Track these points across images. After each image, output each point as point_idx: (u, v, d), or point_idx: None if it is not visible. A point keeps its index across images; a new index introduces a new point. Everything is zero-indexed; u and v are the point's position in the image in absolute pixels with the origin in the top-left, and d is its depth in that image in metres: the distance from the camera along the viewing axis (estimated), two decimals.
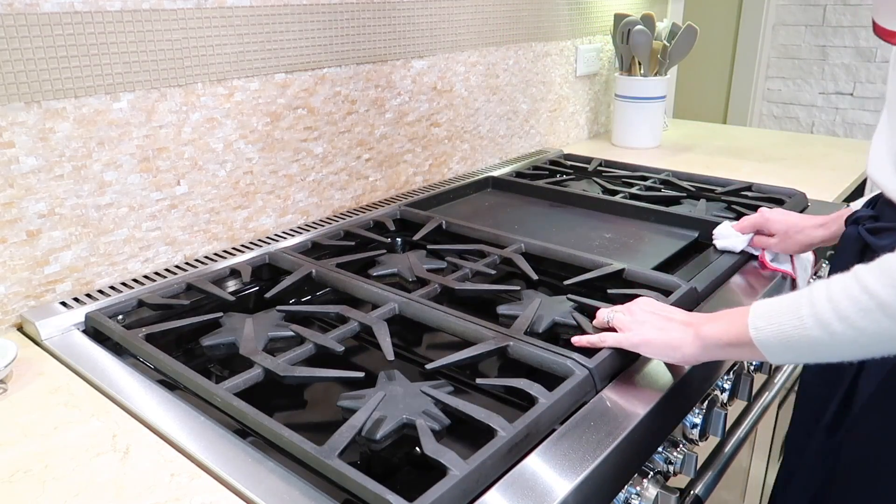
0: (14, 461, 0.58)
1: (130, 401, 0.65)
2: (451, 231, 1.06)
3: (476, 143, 1.43)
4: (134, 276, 0.91)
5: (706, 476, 0.80)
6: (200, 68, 0.92)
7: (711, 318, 0.65)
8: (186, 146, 0.93)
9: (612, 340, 0.69)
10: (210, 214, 0.98)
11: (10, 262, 0.79)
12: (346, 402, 0.62)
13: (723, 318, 0.63)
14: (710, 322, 0.64)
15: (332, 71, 1.10)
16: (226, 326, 0.77)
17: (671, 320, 0.68)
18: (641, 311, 0.70)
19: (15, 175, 0.78)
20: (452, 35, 1.30)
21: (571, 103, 1.72)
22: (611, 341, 0.69)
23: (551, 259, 0.94)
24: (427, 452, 0.53)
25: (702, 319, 0.66)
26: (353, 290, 0.84)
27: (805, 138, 1.75)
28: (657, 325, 0.68)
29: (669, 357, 0.67)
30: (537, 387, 0.62)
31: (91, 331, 0.78)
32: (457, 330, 0.74)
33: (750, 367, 0.87)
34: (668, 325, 0.67)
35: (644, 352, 0.68)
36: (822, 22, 2.71)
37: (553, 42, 1.58)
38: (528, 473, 0.54)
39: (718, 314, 0.64)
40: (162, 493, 0.53)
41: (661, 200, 1.23)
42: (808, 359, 0.58)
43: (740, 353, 0.62)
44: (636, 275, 0.87)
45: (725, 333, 0.62)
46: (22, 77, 0.76)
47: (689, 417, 0.74)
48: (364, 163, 1.20)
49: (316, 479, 0.53)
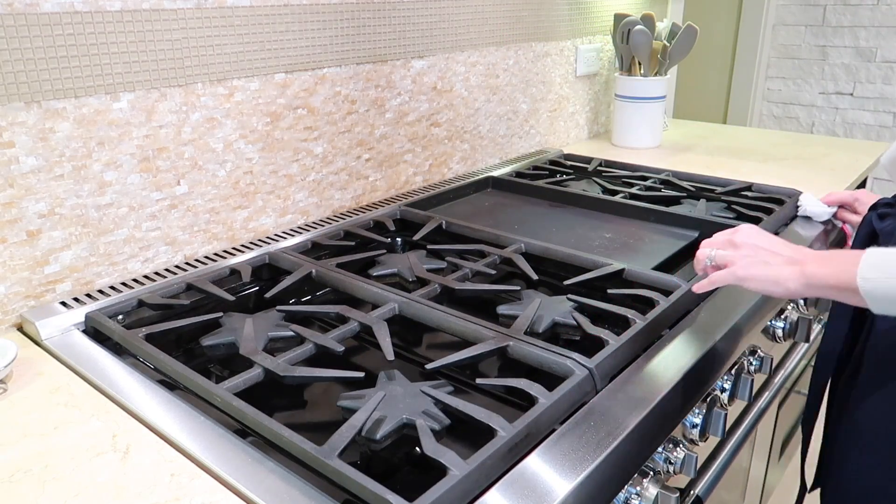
0: (14, 461, 0.58)
1: (130, 401, 0.65)
2: (451, 231, 1.06)
3: (476, 143, 1.43)
4: (134, 276, 0.91)
5: (706, 476, 0.80)
6: (200, 68, 0.92)
7: (819, 257, 0.66)
8: (186, 146, 0.93)
9: (719, 279, 0.72)
10: (210, 214, 0.98)
11: (10, 262, 0.79)
12: (346, 402, 0.62)
13: (831, 260, 0.65)
14: (818, 262, 0.66)
15: (332, 71, 1.10)
16: (226, 326, 0.77)
17: (776, 255, 0.70)
18: (746, 245, 0.72)
19: (15, 175, 0.78)
20: (452, 35, 1.30)
21: (571, 103, 1.72)
22: (719, 280, 0.72)
23: (551, 259, 0.94)
24: (427, 452, 0.53)
25: (808, 257, 0.67)
26: (353, 290, 0.84)
27: (805, 138, 1.75)
28: (762, 258, 0.70)
29: (772, 291, 0.69)
30: (537, 387, 0.62)
31: (91, 331, 0.78)
32: (457, 330, 0.74)
33: (750, 368, 0.87)
34: (774, 260, 0.69)
35: (749, 286, 0.70)
36: (822, 22, 2.71)
37: (553, 42, 1.58)
38: (528, 473, 0.54)
39: (827, 254, 0.66)
40: (162, 493, 0.54)
41: (661, 200, 1.23)
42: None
43: (842, 297, 0.64)
44: (636, 275, 0.87)
45: (832, 277, 0.64)
46: (22, 77, 0.76)
47: (689, 417, 0.74)
48: (364, 163, 1.20)
49: (316, 479, 0.53)
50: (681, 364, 0.70)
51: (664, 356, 0.71)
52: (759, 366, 0.87)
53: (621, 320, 0.76)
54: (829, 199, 1.05)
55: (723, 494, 1.02)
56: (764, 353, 0.88)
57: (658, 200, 1.22)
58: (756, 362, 0.87)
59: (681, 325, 0.78)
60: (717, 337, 0.76)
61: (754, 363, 0.87)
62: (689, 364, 0.70)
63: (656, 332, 0.75)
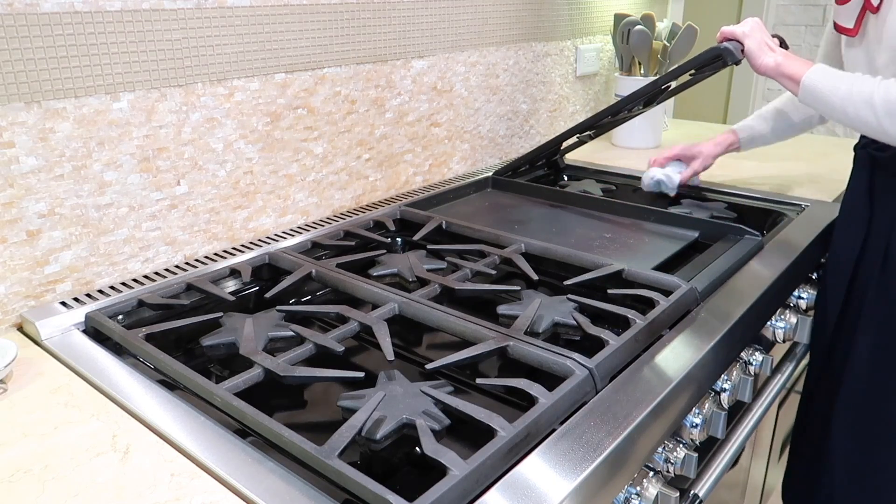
0: (14, 461, 0.58)
1: (130, 401, 0.65)
2: (451, 231, 1.06)
3: (476, 143, 1.43)
4: (134, 276, 0.91)
5: (706, 476, 0.80)
6: (200, 68, 0.92)
7: (788, 57, 0.98)
8: (186, 146, 0.93)
9: (729, 31, 1.02)
10: (210, 214, 0.98)
11: (10, 262, 0.79)
12: (346, 402, 0.62)
13: (796, 61, 0.97)
14: (787, 59, 0.98)
15: (332, 71, 1.10)
16: (226, 326, 0.77)
17: (768, 46, 1.00)
18: (754, 30, 1.01)
19: (15, 175, 0.78)
20: (452, 35, 1.30)
21: (571, 103, 1.72)
22: (728, 32, 1.02)
23: (551, 259, 0.94)
24: (427, 452, 0.53)
25: (782, 54, 0.99)
26: (353, 290, 0.84)
27: (805, 138, 1.75)
28: (761, 39, 1.00)
29: (752, 61, 1.00)
30: (537, 387, 0.62)
31: (91, 331, 0.78)
32: (457, 330, 0.74)
33: (750, 368, 0.87)
34: (764, 47, 0.99)
35: (746, 42, 1.00)
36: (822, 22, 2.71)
37: (553, 42, 1.58)
38: (528, 473, 0.54)
39: (794, 57, 0.98)
40: (162, 493, 0.53)
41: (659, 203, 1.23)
42: (818, 110, 0.95)
43: (789, 86, 0.97)
44: (636, 275, 0.87)
45: (791, 69, 0.96)
46: (22, 77, 0.76)
47: (689, 417, 0.74)
48: (364, 163, 1.20)
49: (316, 479, 0.53)
50: (681, 364, 0.70)
51: (664, 356, 0.71)
52: (759, 366, 0.87)
53: (621, 320, 0.76)
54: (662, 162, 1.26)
55: (723, 494, 1.02)
56: (764, 353, 0.88)
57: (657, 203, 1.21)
58: (756, 362, 0.87)
59: (681, 325, 0.78)
60: (717, 337, 0.76)
61: (754, 363, 0.87)
62: (689, 364, 0.70)
63: (656, 332, 0.75)
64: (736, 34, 1.02)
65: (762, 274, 0.92)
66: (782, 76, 0.98)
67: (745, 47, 1.00)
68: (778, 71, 0.98)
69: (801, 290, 1.07)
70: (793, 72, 0.96)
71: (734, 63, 1.02)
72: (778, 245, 1.02)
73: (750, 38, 1.00)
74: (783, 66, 0.97)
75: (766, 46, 0.99)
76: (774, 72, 0.99)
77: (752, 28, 1.01)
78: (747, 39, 1.00)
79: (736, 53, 1.01)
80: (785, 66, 0.97)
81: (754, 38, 1.00)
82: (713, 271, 0.89)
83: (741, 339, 0.84)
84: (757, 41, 1.00)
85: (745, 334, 0.85)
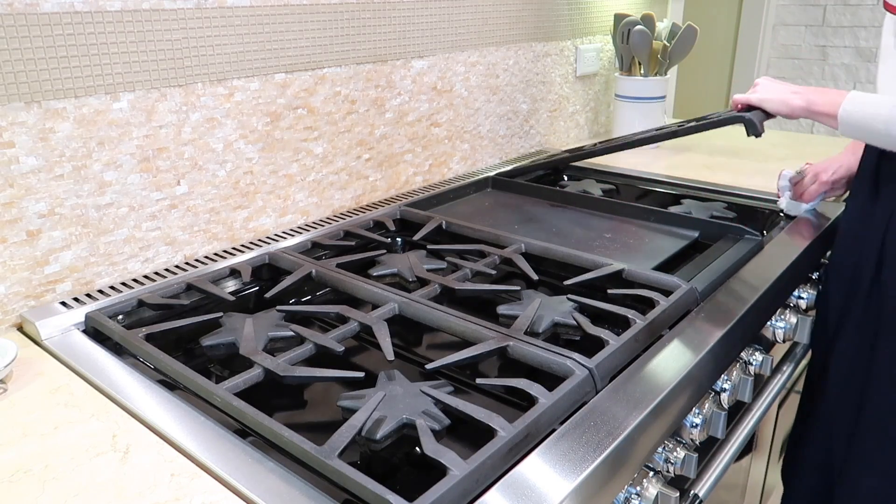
0: (14, 461, 0.58)
1: (130, 401, 0.65)
2: (451, 231, 1.06)
3: (476, 143, 1.43)
4: (134, 276, 0.91)
5: (706, 476, 0.80)
6: (200, 68, 0.92)
7: (816, 91, 0.95)
8: (186, 146, 0.93)
9: (743, 98, 1.04)
10: (210, 214, 0.98)
11: (10, 262, 0.79)
12: (346, 402, 0.62)
13: (825, 94, 0.94)
14: (816, 94, 0.95)
15: (332, 71, 1.10)
16: (226, 326, 0.77)
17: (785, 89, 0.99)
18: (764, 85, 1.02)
19: (15, 175, 0.78)
20: (452, 35, 1.30)
21: (571, 103, 1.72)
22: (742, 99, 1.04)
23: (551, 259, 0.94)
24: (427, 452, 0.53)
25: (808, 91, 0.96)
26: (353, 290, 0.84)
27: (805, 138, 1.75)
28: (775, 89, 1.00)
29: (779, 110, 0.99)
30: (537, 387, 0.62)
31: (91, 331, 0.78)
32: (457, 330, 0.74)
33: (750, 368, 0.87)
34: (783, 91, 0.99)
35: (765, 106, 1.01)
36: (822, 22, 2.71)
37: (553, 42, 1.58)
38: (528, 473, 0.54)
39: (821, 90, 0.95)
40: (162, 493, 0.54)
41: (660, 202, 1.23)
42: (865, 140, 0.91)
43: (825, 121, 0.93)
44: (636, 275, 0.87)
45: (824, 105, 0.93)
46: (22, 77, 0.76)
47: (689, 417, 0.74)
48: (364, 163, 1.20)
49: (316, 479, 0.53)
50: (681, 364, 0.70)
51: (664, 356, 0.71)
52: (759, 366, 0.87)
53: (621, 320, 0.76)
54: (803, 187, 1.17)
55: (723, 494, 1.02)
56: (764, 353, 0.88)
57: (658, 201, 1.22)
58: (756, 362, 0.87)
59: (681, 325, 0.78)
60: (717, 337, 0.76)
61: (754, 363, 0.87)
62: (689, 364, 0.70)
63: (656, 332, 0.75)
64: (752, 102, 1.01)
65: (762, 274, 0.92)
66: (817, 115, 0.95)
67: (769, 109, 1.00)
68: (811, 111, 0.95)
69: (801, 290, 1.07)
70: (827, 109, 0.92)
71: (755, 136, 1.02)
72: (778, 245, 1.02)
73: (767, 100, 0.99)
74: (815, 104, 0.94)
75: (786, 95, 0.98)
76: (807, 112, 0.96)
77: (764, 89, 1.00)
78: (766, 104, 1.00)
79: (758, 126, 1.00)
80: (817, 105, 0.94)
81: (771, 97, 0.99)
82: (713, 271, 0.89)
83: (741, 339, 0.84)
84: (776, 99, 0.98)
85: (745, 334, 0.85)
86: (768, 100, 1.00)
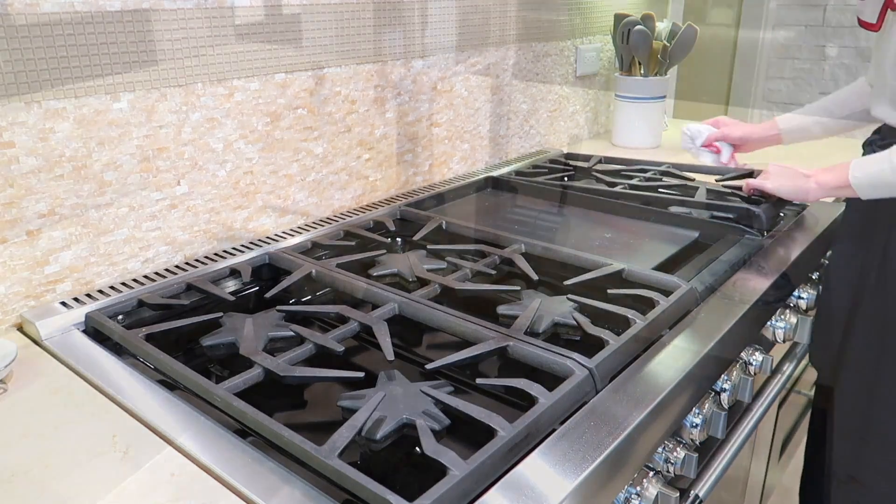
0: (14, 461, 0.58)
1: (130, 401, 0.65)
2: (451, 231, 1.06)
3: (476, 143, 1.43)
4: (134, 276, 0.91)
5: (706, 476, 0.80)
6: (200, 68, 0.92)
7: (822, 170, 0.98)
8: (186, 146, 0.93)
9: (757, 184, 1.06)
10: (210, 214, 0.98)
11: (10, 262, 0.79)
12: (346, 402, 0.62)
13: (832, 170, 0.96)
14: (823, 173, 0.98)
15: (332, 71, 1.10)
16: (226, 326, 0.77)
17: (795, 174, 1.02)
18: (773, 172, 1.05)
19: (15, 175, 0.78)
20: (452, 35, 1.30)
21: (571, 103, 1.72)
22: (756, 184, 1.06)
23: (551, 259, 0.94)
24: (427, 452, 0.53)
25: (815, 172, 0.99)
26: (353, 290, 0.84)
27: None
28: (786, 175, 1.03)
29: (796, 197, 1.03)
30: (537, 387, 0.62)
31: (91, 331, 0.78)
32: (457, 330, 0.74)
33: (750, 368, 0.87)
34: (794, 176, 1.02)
35: (780, 194, 1.04)
36: (822, 22, 2.71)
37: (553, 42, 1.58)
38: (528, 473, 0.54)
39: (827, 168, 0.97)
40: (162, 493, 0.53)
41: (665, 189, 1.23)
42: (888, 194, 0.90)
43: (843, 193, 0.95)
44: (636, 275, 0.87)
45: (835, 180, 0.95)
46: (22, 77, 0.76)
47: (689, 417, 0.74)
48: (364, 163, 1.20)
49: (316, 479, 0.53)
50: (681, 364, 0.70)
51: (664, 356, 0.71)
52: (759, 366, 0.87)
53: (621, 320, 0.76)
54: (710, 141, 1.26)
55: (723, 494, 1.02)
56: (764, 353, 0.88)
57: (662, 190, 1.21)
58: (756, 362, 0.87)
59: (681, 325, 0.78)
60: (717, 337, 0.76)
61: (754, 363, 0.87)
62: (689, 364, 0.70)
63: (656, 332, 0.75)
64: (766, 190, 1.04)
65: (762, 274, 0.92)
66: (832, 191, 0.97)
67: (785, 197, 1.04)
68: (825, 191, 0.97)
69: (801, 290, 1.07)
70: (838, 182, 0.94)
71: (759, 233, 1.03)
72: (778, 245, 1.02)
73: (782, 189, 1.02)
74: (826, 183, 0.97)
75: (799, 181, 1.00)
76: (823, 193, 0.98)
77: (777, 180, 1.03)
78: (781, 192, 1.03)
79: (765, 222, 1.02)
80: (827, 182, 0.96)
81: (786, 185, 1.02)
82: (713, 271, 0.89)
83: (741, 339, 0.84)
84: (789, 186, 1.01)
85: (745, 334, 0.85)
86: (783, 188, 1.03)
